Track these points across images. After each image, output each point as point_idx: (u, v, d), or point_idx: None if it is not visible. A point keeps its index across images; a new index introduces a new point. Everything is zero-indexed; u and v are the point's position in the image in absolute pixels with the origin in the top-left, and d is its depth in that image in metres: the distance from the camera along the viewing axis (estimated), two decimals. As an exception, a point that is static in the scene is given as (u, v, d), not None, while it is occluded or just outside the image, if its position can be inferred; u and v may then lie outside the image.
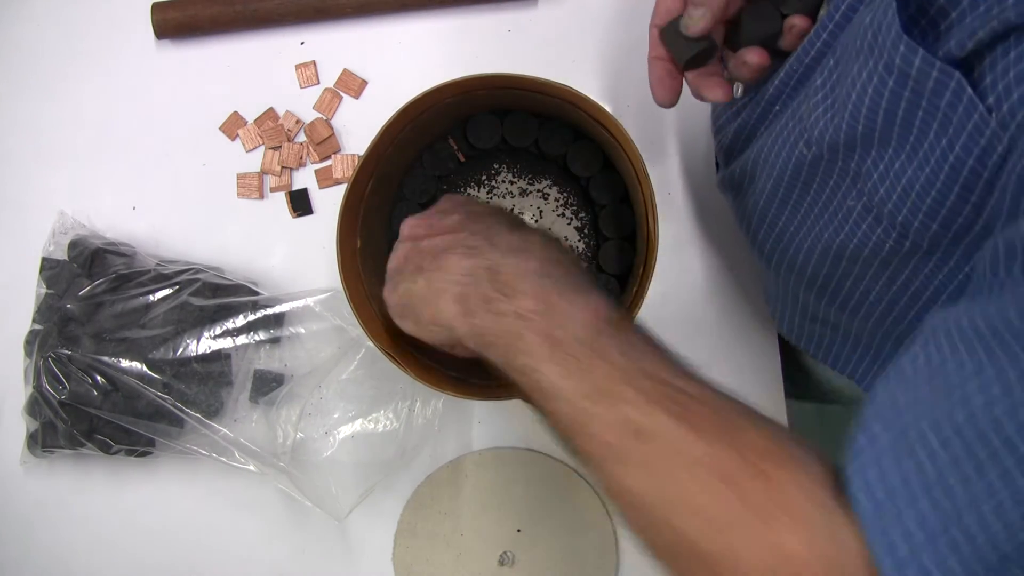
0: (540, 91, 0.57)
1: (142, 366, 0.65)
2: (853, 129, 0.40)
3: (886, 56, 0.36)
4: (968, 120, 0.34)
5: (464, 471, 0.67)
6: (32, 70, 0.76)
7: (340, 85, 0.73)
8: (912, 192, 0.39)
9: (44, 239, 0.71)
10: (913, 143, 0.38)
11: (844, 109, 0.41)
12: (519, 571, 0.66)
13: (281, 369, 0.68)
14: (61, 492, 0.69)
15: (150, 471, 0.69)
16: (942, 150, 0.36)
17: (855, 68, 0.39)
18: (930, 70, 0.34)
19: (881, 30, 0.36)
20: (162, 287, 0.66)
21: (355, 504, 0.65)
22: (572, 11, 0.73)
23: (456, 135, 0.65)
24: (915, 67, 0.35)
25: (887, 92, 0.37)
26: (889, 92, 0.37)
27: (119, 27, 0.75)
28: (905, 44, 0.35)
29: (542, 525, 0.67)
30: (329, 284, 0.68)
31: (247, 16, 0.73)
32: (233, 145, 0.73)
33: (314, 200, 0.72)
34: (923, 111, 0.36)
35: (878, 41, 0.37)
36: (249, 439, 0.66)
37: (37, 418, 0.66)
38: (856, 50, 0.39)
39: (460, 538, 0.67)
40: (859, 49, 0.39)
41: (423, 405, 0.66)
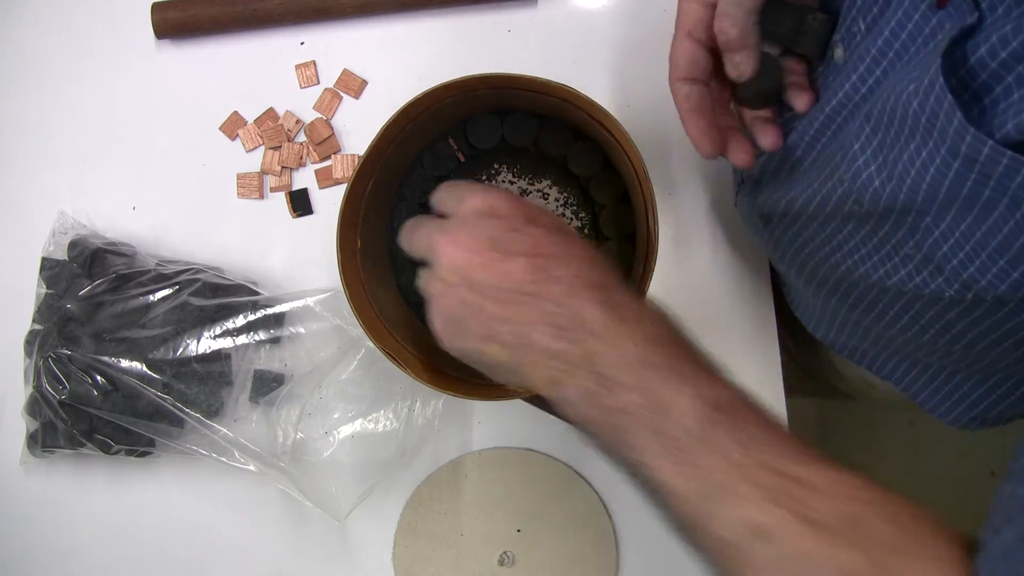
0: (540, 91, 0.57)
1: (142, 366, 0.65)
2: (912, 200, 0.40)
3: (949, 142, 0.36)
4: None
5: (464, 471, 0.67)
6: (32, 70, 0.76)
7: (340, 85, 0.73)
8: (981, 254, 0.39)
9: (44, 239, 0.71)
10: (979, 213, 0.38)
11: (901, 181, 0.40)
12: (519, 571, 0.66)
13: (281, 369, 0.68)
14: (61, 492, 0.69)
15: (150, 471, 0.69)
16: (1016, 222, 0.36)
17: (911, 147, 0.39)
18: (1000, 158, 0.34)
19: (939, 118, 0.36)
20: (162, 287, 0.66)
21: (355, 504, 0.65)
22: (572, 11, 0.73)
23: (456, 135, 0.65)
24: (983, 155, 0.35)
25: (952, 173, 0.37)
26: (954, 173, 0.37)
27: (119, 27, 0.75)
28: (972, 135, 0.35)
29: (542, 525, 0.67)
30: (329, 284, 0.68)
31: (247, 16, 0.73)
32: (233, 145, 0.73)
33: (314, 200, 0.72)
34: (990, 190, 0.36)
35: (936, 127, 0.37)
36: (249, 439, 0.66)
37: (37, 418, 0.66)
38: (910, 130, 0.39)
39: (460, 538, 0.67)
40: (912, 130, 0.38)
41: (423, 405, 0.66)
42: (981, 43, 0.35)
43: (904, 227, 0.43)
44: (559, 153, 0.63)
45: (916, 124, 0.38)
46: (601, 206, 0.64)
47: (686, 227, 0.70)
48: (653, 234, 0.56)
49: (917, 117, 0.38)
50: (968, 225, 0.39)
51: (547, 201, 0.65)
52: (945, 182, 0.38)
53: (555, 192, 0.65)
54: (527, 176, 0.65)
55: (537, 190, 0.65)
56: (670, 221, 0.69)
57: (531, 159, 0.65)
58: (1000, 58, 0.34)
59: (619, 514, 0.67)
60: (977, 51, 0.35)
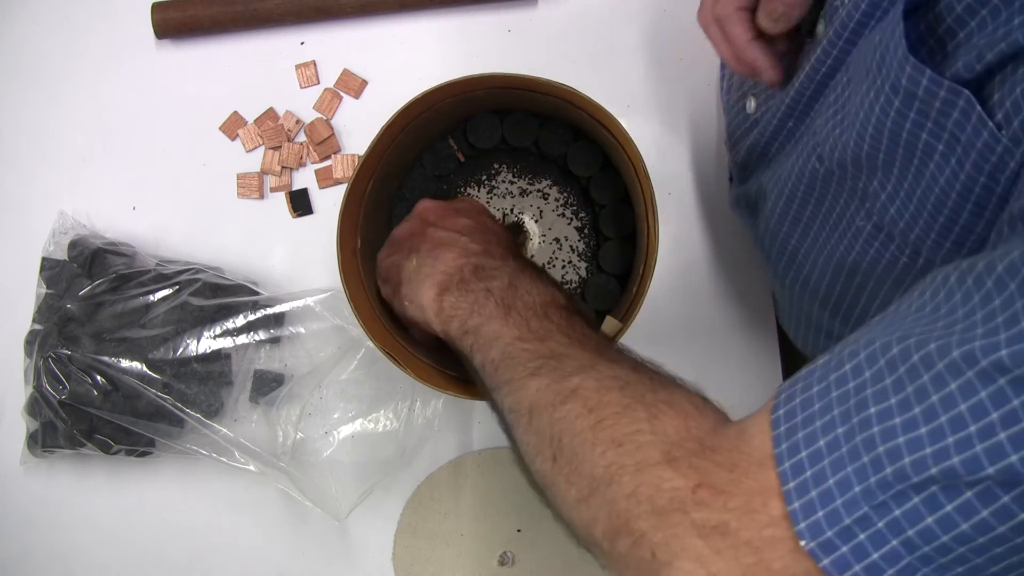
0: (540, 91, 0.57)
1: (142, 366, 0.65)
2: (859, 148, 0.41)
3: (892, 77, 0.36)
4: (977, 139, 0.34)
5: (464, 471, 0.67)
6: (32, 70, 0.76)
7: (340, 85, 0.73)
8: (924, 212, 0.39)
9: (44, 239, 0.71)
10: (918, 164, 0.38)
11: (852, 127, 0.41)
12: (519, 571, 0.66)
13: (281, 369, 0.68)
14: (61, 492, 0.69)
15: (150, 471, 0.69)
16: (952, 169, 0.36)
17: (864, 87, 0.39)
18: (937, 90, 0.34)
19: (888, 51, 0.36)
20: (162, 287, 0.66)
21: (355, 504, 0.65)
22: (572, 11, 0.73)
23: (456, 135, 0.65)
24: (922, 87, 0.35)
25: (892, 112, 0.37)
26: (895, 112, 0.37)
27: (119, 27, 0.75)
28: (912, 65, 0.35)
29: (542, 525, 0.67)
30: (329, 284, 0.68)
31: (247, 16, 0.73)
32: (233, 145, 0.73)
33: (314, 200, 0.72)
34: (928, 132, 0.36)
35: (885, 61, 0.37)
36: (249, 439, 0.66)
37: (37, 418, 0.66)
38: (866, 69, 0.39)
39: (460, 538, 0.67)
40: (868, 68, 0.39)
41: (423, 405, 0.66)
42: None
43: (856, 196, 0.44)
44: (559, 153, 0.63)
45: (871, 63, 0.38)
46: (601, 206, 0.64)
47: (686, 226, 0.70)
48: (653, 234, 0.56)
49: (874, 53, 0.38)
50: (910, 182, 0.39)
51: (547, 201, 0.65)
52: (887, 122, 0.38)
53: (555, 192, 0.65)
54: (527, 176, 0.65)
55: (537, 190, 0.65)
56: (670, 220, 0.69)
57: (531, 159, 0.65)
58: (965, 2, 0.34)
59: (619, 514, 0.67)
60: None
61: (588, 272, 0.64)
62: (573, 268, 0.64)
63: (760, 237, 0.59)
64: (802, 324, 0.59)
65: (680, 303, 0.69)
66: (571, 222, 0.64)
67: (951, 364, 0.27)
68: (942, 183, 0.37)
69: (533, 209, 0.65)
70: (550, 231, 0.64)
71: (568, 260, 0.64)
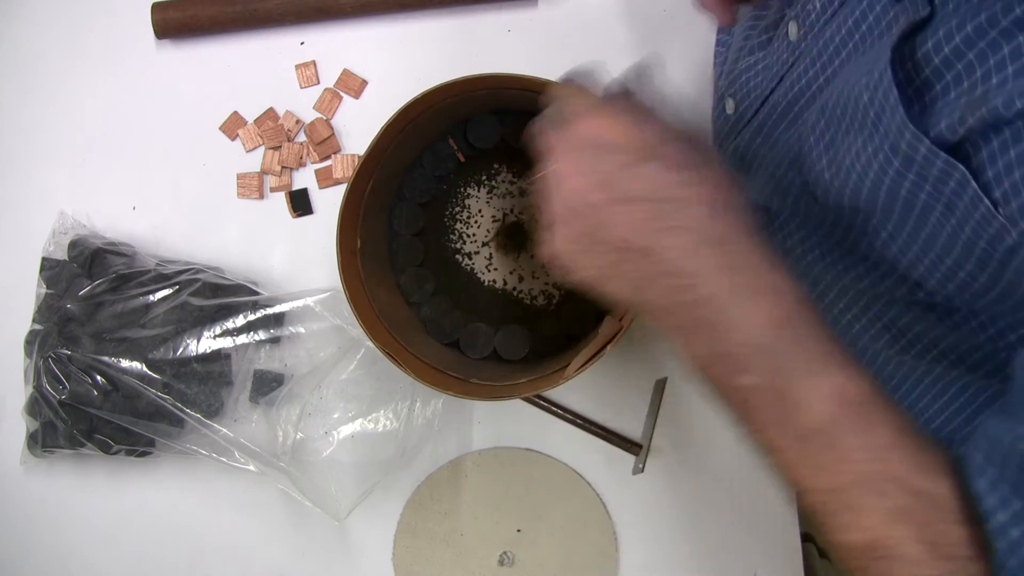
0: (540, 91, 0.57)
1: (142, 366, 0.65)
2: (857, 196, 0.40)
3: (891, 139, 0.36)
4: (975, 210, 0.34)
5: (464, 471, 0.67)
6: (32, 70, 0.76)
7: (340, 85, 0.73)
8: (926, 257, 0.39)
9: (44, 239, 0.71)
10: (919, 216, 0.38)
11: (848, 177, 0.40)
12: (519, 571, 0.66)
13: (281, 369, 0.68)
14: (61, 492, 0.69)
15: (150, 471, 0.69)
16: (952, 228, 0.36)
17: (859, 142, 0.39)
18: (934, 159, 0.34)
19: (885, 113, 0.36)
20: (162, 287, 0.66)
21: (355, 504, 0.65)
22: (572, 11, 0.73)
23: (456, 135, 0.65)
24: (920, 154, 0.35)
25: (891, 171, 0.37)
26: (894, 172, 0.37)
27: (119, 27, 0.75)
28: (911, 133, 0.35)
29: (542, 525, 0.67)
30: (329, 284, 0.68)
31: (247, 16, 0.73)
32: (233, 145, 0.73)
33: (314, 200, 0.72)
34: (926, 193, 0.36)
35: (882, 122, 0.37)
36: (249, 439, 0.66)
37: (37, 418, 0.66)
38: (859, 124, 0.39)
39: (460, 538, 0.67)
40: (861, 124, 0.38)
41: (423, 405, 0.66)
42: (928, 37, 0.35)
43: (855, 227, 0.43)
44: (559, 153, 0.63)
45: (865, 119, 0.38)
46: (601, 206, 0.64)
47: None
48: (653, 234, 0.56)
49: (866, 111, 0.38)
50: (911, 229, 0.38)
51: (547, 201, 0.65)
52: (885, 180, 0.37)
53: (555, 192, 0.65)
54: (527, 176, 0.65)
55: (537, 190, 0.65)
56: (670, 221, 0.69)
57: (531, 159, 0.65)
58: (943, 54, 0.34)
59: (619, 514, 0.67)
60: (924, 45, 0.35)
61: (588, 272, 0.64)
62: (573, 268, 0.64)
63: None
64: None
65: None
66: (571, 222, 0.64)
67: None
68: (944, 238, 0.37)
69: (533, 209, 0.65)
70: None
71: (568, 260, 0.64)
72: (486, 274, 0.66)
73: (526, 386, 0.58)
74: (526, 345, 0.64)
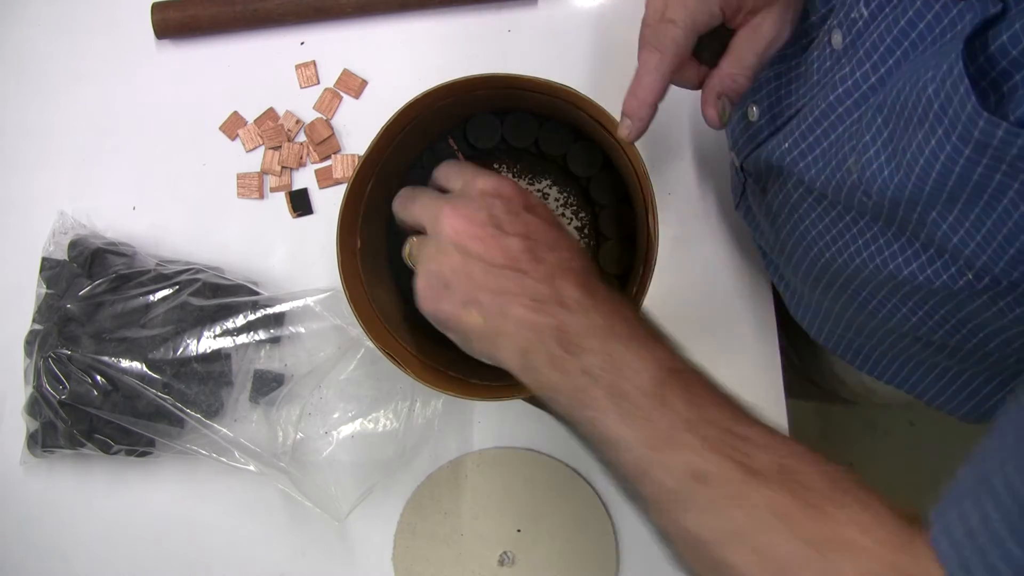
0: (540, 91, 0.57)
1: (142, 366, 0.65)
2: (919, 191, 0.40)
3: (961, 128, 0.36)
4: None
5: (464, 471, 0.67)
6: (32, 70, 0.76)
7: (340, 85, 0.73)
8: (993, 242, 0.39)
9: (44, 239, 0.71)
10: (988, 200, 0.38)
11: (909, 172, 0.40)
12: (519, 571, 0.66)
13: (281, 369, 0.68)
14: (61, 492, 0.69)
15: (150, 471, 0.69)
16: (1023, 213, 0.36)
17: (920, 135, 0.39)
18: (1015, 139, 0.34)
19: (953, 103, 0.36)
20: (162, 287, 0.66)
21: (355, 504, 0.65)
22: (572, 11, 0.73)
23: (456, 135, 0.65)
24: (997, 138, 0.35)
25: (962, 160, 0.37)
26: (964, 160, 0.37)
27: (119, 27, 0.75)
28: (985, 119, 0.35)
29: (542, 525, 0.67)
30: (329, 284, 0.68)
31: (247, 16, 0.73)
32: (233, 145, 0.73)
33: (314, 200, 0.72)
34: (1002, 174, 0.36)
35: (948, 113, 0.37)
36: (249, 439, 0.66)
37: (37, 418, 0.66)
38: (920, 117, 0.39)
39: (460, 538, 0.67)
40: (922, 118, 0.39)
41: (423, 405, 0.66)
42: (1003, 31, 0.35)
43: (912, 221, 0.43)
44: (559, 153, 0.63)
45: (927, 111, 0.38)
46: (601, 206, 0.64)
47: (686, 227, 0.70)
48: (653, 234, 0.56)
49: (930, 103, 0.38)
50: (977, 215, 0.39)
51: (547, 201, 0.65)
52: (955, 170, 0.38)
53: (555, 192, 0.65)
54: (527, 176, 0.65)
55: (537, 190, 0.65)
56: (670, 221, 0.69)
57: (531, 159, 0.65)
58: (1022, 46, 0.34)
59: (619, 514, 0.67)
60: (998, 39, 0.35)
61: (588, 272, 0.64)
62: (573, 268, 0.64)
63: (786, 249, 0.58)
64: (823, 319, 0.59)
65: (680, 304, 0.69)
66: (571, 222, 0.64)
67: None
68: (1016, 217, 0.37)
69: None
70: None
71: (568, 260, 0.64)
72: (486, 274, 0.66)
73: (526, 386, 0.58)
74: (526, 345, 0.64)
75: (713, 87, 0.52)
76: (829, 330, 0.60)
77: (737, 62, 0.51)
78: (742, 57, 0.51)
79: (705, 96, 0.53)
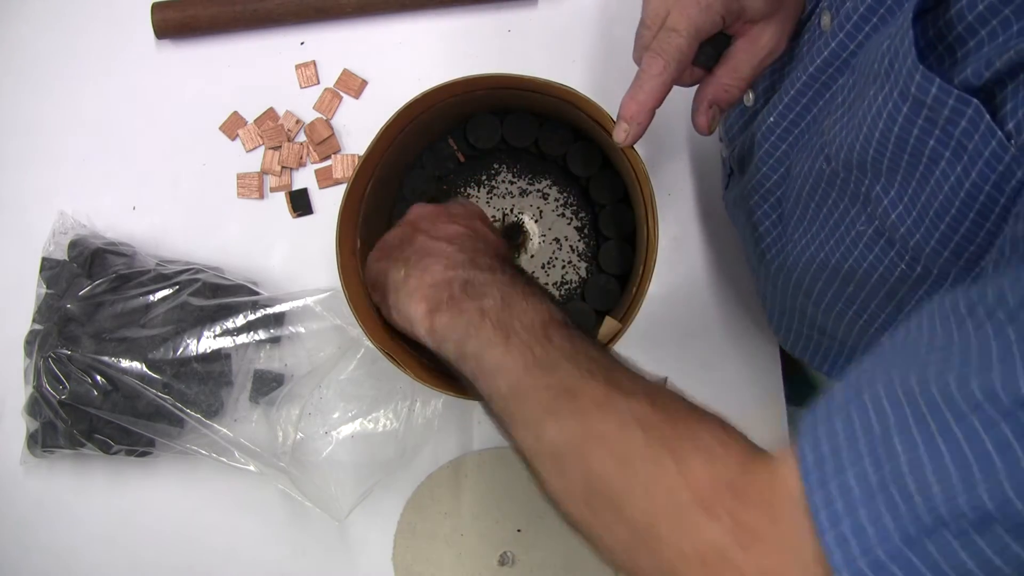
0: (540, 91, 0.57)
1: (142, 366, 0.65)
2: (865, 152, 0.41)
3: (901, 84, 0.36)
4: (985, 148, 0.34)
5: (464, 471, 0.67)
6: (32, 70, 0.76)
7: (340, 85, 0.73)
8: (925, 218, 0.39)
9: (44, 239, 0.71)
10: (923, 170, 0.38)
11: (859, 130, 0.41)
12: (519, 571, 0.66)
13: (281, 369, 0.68)
14: (61, 492, 0.69)
15: (150, 471, 0.69)
16: (957, 177, 0.36)
17: (871, 91, 0.39)
18: (946, 99, 0.34)
19: (898, 57, 0.36)
20: (162, 287, 0.66)
21: (355, 504, 0.65)
22: (572, 11, 0.73)
23: (456, 135, 0.65)
24: (931, 95, 0.35)
25: (900, 118, 0.37)
26: (903, 118, 0.37)
27: (119, 27, 0.75)
28: (921, 73, 0.35)
29: (542, 525, 0.67)
30: (329, 284, 0.68)
31: (247, 16, 0.73)
32: (233, 145, 0.73)
33: (314, 200, 0.72)
34: (935, 139, 0.36)
35: (894, 68, 0.37)
36: (249, 439, 0.66)
37: (37, 418, 0.66)
38: (873, 74, 0.39)
39: (460, 538, 0.67)
40: (876, 73, 0.39)
41: (423, 405, 0.66)
42: None
43: (859, 200, 0.44)
44: (559, 153, 0.63)
45: (879, 68, 0.38)
46: (601, 206, 0.64)
47: (686, 227, 0.70)
48: (653, 234, 0.56)
49: (882, 59, 0.38)
50: (914, 188, 0.39)
51: (547, 201, 0.65)
52: (895, 129, 0.38)
53: (555, 192, 0.65)
54: (527, 176, 0.65)
55: (537, 190, 0.65)
56: (670, 221, 0.69)
57: (531, 159, 0.65)
58: (977, 10, 0.34)
59: (619, 514, 0.67)
60: (958, 3, 0.35)
61: (588, 272, 0.64)
62: (573, 268, 0.64)
63: (758, 245, 0.58)
64: (786, 316, 0.59)
65: (680, 303, 0.69)
66: (571, 222, 0.64)
67: (972, 400, 0.27)
68: (946, 190, 0.37)
69: (533, 209, 0.65)
70: (550, 231, 0.64)
71: (568, 260, 0.64)
72: (486, 274, 0.66)
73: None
74: (526, 345, 0.64)
75: (706, 96, 0.52)
76: (787, 326, 0.60)
77: (733, 72, 0.51)
78: (739, 68, 0.51)
79: (697, 104, 0.53)
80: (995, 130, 0.33)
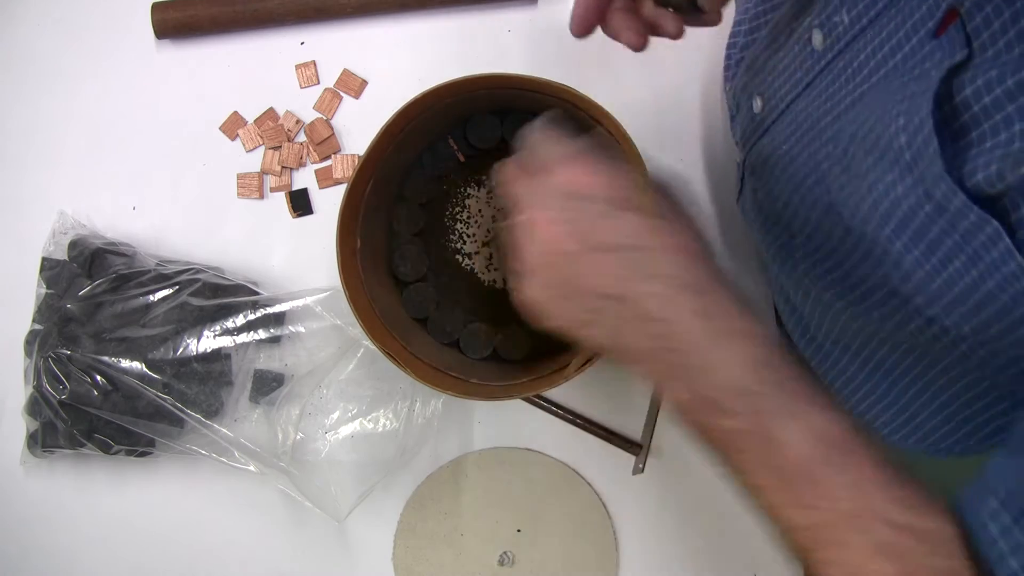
0: (540, 91, 0.57)
1: (142, 366, 0.65)
2: (881, 229, 0.40)
3: (927, 184, 0.36)
4: (1003, 265, 0.34)
5: (464, 471, 0.67)
6: (32, 70, 0.76)
7: (340, 85, 0.73)
8: (945, 297, 0.38)
9: (44, 239, 0.71)
10: (942, 259, 0.37)
11: (877, 208, 0.40)
12: (519, 571, 0.66)
13: (281, 369, 0.68)
14: (61, 492, 0.69)
15: (150, 471, 0.69)
16: (973, 279, 0.36)
17: (889, 178, 0.38)
18: (968, 212, 0.34)
19: (923, 159, 0.36)
20: (162, 287, 0.66)
21: (355, 504, 0.65)
22: (572, 11, 0.73)
23: (456, 135, 0.65)
24: (953, 205, 0.35)
25: (922, 214, 0.37)
26: (924, 215, 0.37)
27: (119, 27, 0.75)
28: (947, 185, 0.35)
29: (542, 525, 0.67)
30: (329, 284, 0.68)
31: (247, 16, 0.73)
32: (233, 145, 0.73)
33: (314, 200, 0.72)
34: (953, 241, 0.36)
35: (918, 166, 0.36)
36: (249, 439, 0.66)
37: (37, 418, 0.66)
38: (892, 160, 0.38)
39: (460, 538, 0.67)
40: (894, 161, 0.38)
41: (423, 405, 0.66)
42: (967, 83, 0.34)
43: (872, 256, 0.43)
44: (559, 153, 0.63)
45: (899, 157, 0.38)
46: (601, 206, 0.63)
47: (686, 227, 0.70)
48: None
49: (902, 151, 0.37)
50: (932, 268, 0.38)
51: (547, 201, 0.65)
52: (915, 220, 0.38)
53: (555, 192, 0.65)
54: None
55: (537, 190, 0.65)
56: (670, 221, 0.69)
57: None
58: (983, 103, 0.34)
59: (619, 514, 0.67)
60: (963, 90, 0.35)
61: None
62: (573, 268, 0.64)
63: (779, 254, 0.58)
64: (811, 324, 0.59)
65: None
66: (571, 222, 0.64)
67: None
68: (964, 284, 0.37)
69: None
70: None
71: (568, 260, 0.64)
72: (486, 274, 0.66)
73: (526, 386, 0.58)
74: (526, 345, 0.64)
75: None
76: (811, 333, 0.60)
77: None
78: None
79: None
80: (1014, 253, 0.33)
